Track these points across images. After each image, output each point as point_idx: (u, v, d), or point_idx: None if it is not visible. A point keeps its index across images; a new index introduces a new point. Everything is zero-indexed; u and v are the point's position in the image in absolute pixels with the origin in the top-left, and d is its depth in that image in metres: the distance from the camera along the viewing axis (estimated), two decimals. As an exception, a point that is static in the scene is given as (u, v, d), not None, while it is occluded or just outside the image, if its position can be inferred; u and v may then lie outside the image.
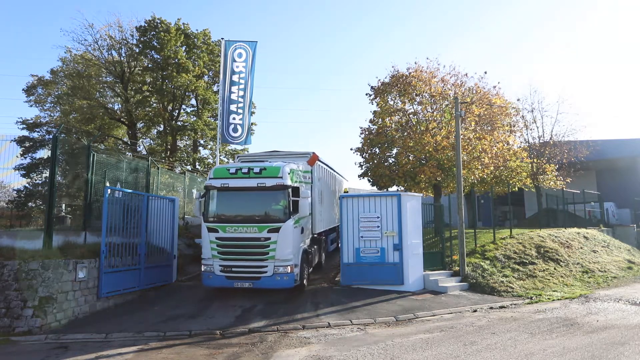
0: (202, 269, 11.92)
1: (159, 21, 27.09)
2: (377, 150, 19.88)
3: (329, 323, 9.82)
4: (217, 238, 11.72)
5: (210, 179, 12.14)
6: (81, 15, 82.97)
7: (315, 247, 14.71)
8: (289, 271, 11.46)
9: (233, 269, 11.63)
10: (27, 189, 23.55)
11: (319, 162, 15.29)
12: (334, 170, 19.28)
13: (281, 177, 11.63)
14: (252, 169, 11.86)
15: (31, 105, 29.72)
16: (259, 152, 17.71)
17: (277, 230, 11.45)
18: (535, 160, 23.95)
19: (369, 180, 20.56)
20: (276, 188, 11.58)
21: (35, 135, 27.00)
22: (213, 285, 11.97)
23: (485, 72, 25.55)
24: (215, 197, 12.03)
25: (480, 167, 18.13)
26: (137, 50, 27.41)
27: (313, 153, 14.58)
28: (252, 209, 11.86)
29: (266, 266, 11.50)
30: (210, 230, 11.77)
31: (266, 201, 11.82)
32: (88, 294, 10.64)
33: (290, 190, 11.78)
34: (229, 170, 12.05)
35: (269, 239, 11.44)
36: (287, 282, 11.45)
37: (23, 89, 29.21)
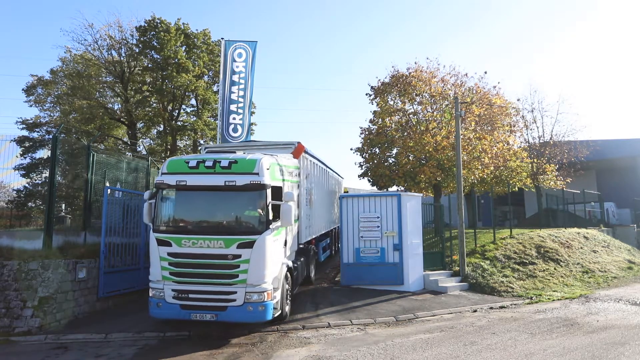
0: (150, 294, 9.12)
1: (158, 21, 27.06)
2: (377, 150, 19.89)
3: (329, 323, 9.82)
4: (169, 254, 8.89)
5: (162, 174, 9.28)
6: (81, 15, 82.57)
7: (302, 259, 12.19)
8: (265, 299, 8.77)
9: (190, 296, 8.82)
10: (27, 189, 23.53)
11: (306, 155, 12.90)
12: (327, 166, 16.91)
13: (257, 174, 8.89)
14: (219, 162, 9.04)
15: (31, 105, 29.69)
16: (232, 143, 15.86)
17: (250, 244, 8.68)
18: (535, 160, 23.95)
19: (369, 180, 20.58)
20: (250, 188, 8.84)
21: (35, 135, 26.98)
22: (163, 317, 9.15)
23: (485, 72, 25.61)
24: (168, 198, 9.36)
25: (480, 167, 18.13)
26: (137, 50, 27.39)
27: (298, 143, 12.12)
28: (217, 215, 9.23)
29: (235, 292, 8.72)
30: (160, 243, 8.95)
31: (236, 205, 9.16)
32: (88, 294, 10.64)
33: (269, 190, 9.03)
34: (187, 163, 9.22)
35: (239, 256, 8.68)
36: (263, 313, 8.75)
37: (23, 89, 29.15)
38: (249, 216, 9.14)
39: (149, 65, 27.96)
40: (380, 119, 19.59)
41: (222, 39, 18.87)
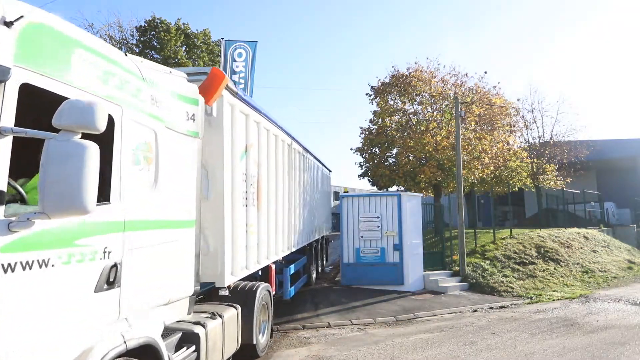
0: None
1: (159, 21, 27.12)
2: (377, 150, 19.95)
3: (329, 323, 9.82)
4: None
5: None
6: (81, 15, 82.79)
7: (229, 315, 5.53)
8: None
9: None
10: (27, 189, 23.58)
11: (241, 104, 6.59)
12: (305, 148, 11.83)
13: None
14: None
15: (31, 105, 29.72)
16: None
17: None
18: (535, 160, 23.97)
19: (369, 180, 20.64)
20: None
21: (35, 135, 27.01)
22: None
23: (486, 72, 25.78)
24: None
25: (480, 167, 18.15)
26: (137, 50, 27.43)
27: (212, 67, 5.69)
28: None
29: None
30: None
31: None
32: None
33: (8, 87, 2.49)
34: None
35: None
36: None
37: (23, 89, 29.19)
38: None
39: (149, 65, 28.00)
40: (380, 119, 19.63)
41: (222, 39, 18.86)
